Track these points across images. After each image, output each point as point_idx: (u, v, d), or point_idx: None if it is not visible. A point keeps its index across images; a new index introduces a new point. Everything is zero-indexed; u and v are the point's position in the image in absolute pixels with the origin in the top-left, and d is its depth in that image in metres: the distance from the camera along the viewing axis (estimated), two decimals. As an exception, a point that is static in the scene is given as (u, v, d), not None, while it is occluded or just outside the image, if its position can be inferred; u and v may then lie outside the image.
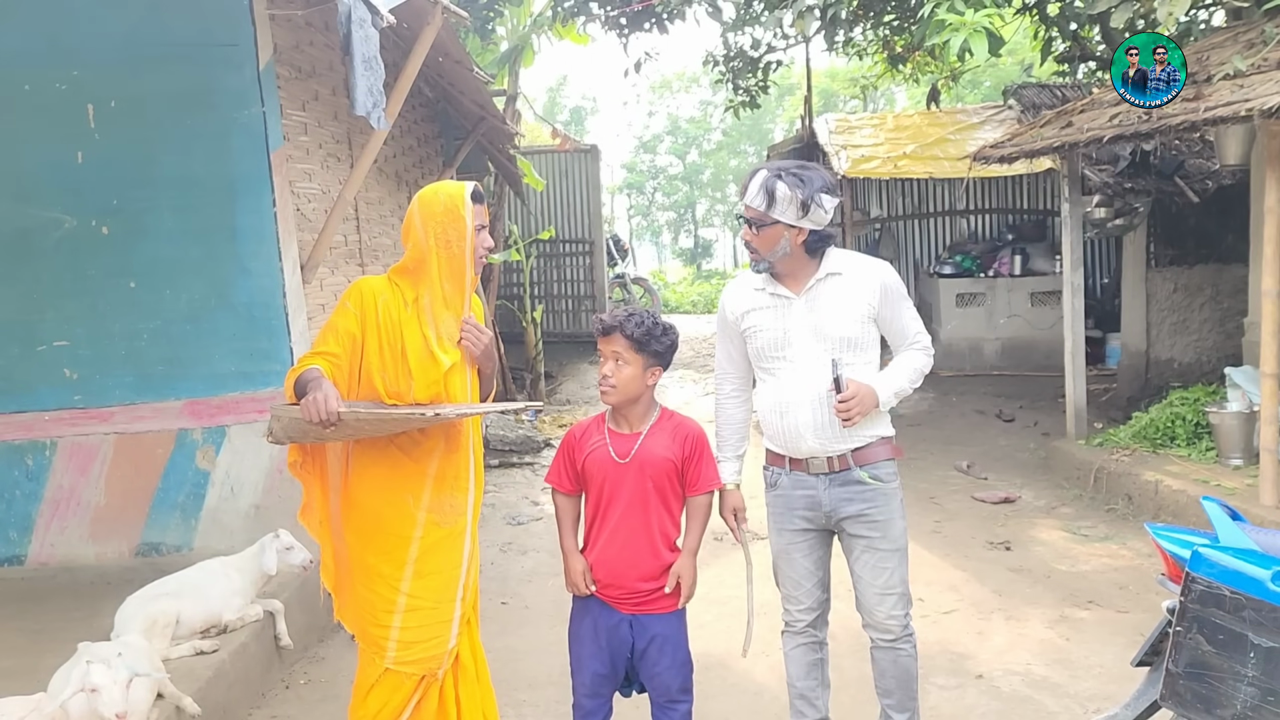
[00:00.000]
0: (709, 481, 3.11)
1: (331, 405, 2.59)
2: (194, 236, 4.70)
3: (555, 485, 3.16)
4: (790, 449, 3.17)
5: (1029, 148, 6.56)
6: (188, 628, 3.97)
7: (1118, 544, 5.76)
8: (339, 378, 2.86)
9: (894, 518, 3.15)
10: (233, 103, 4.60)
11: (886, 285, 3.10)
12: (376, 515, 2.96)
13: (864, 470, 3.10)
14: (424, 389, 2.91)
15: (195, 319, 4.75)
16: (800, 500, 3.19)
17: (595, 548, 3.08)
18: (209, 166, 4.66)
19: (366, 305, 2.92)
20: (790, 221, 2.99)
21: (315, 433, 2.69)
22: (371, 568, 2.98)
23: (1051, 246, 10.65)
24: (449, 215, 2.89)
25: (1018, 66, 20.64)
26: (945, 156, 9.61)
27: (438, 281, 2.92)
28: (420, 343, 2.92)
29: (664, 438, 3.05)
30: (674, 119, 37.73)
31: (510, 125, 8.53)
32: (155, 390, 4.79)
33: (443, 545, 3.00)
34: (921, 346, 3.17)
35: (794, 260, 3.08)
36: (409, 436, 2.98)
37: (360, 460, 3.01)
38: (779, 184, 2.97)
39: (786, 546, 3.28)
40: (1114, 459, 6.66)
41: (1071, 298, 7.14)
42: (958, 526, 6.20)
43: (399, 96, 4.94)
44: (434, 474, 2.99)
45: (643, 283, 15.42)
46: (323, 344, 2.91)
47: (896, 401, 3.12)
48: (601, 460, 3.03)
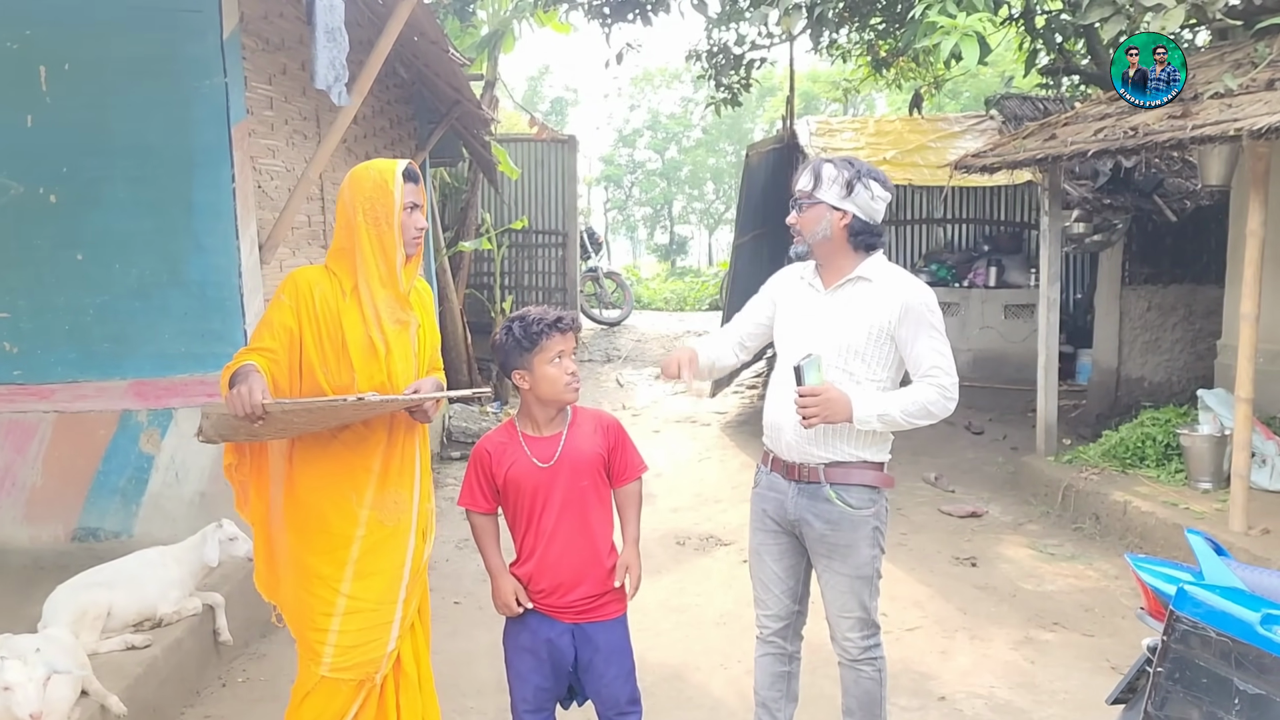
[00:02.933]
0: (635, 468, 3.01)
1: (256, 398, 2.47)
2: (147, 209, 4.50)
3: (471, 507, 2.99)
4: (773, 444, 3.10)
5: (1011, 158, 6.47)
6: (120, 620, 3.79)
7: (1084, 564, 5.68)
8: (278, 374, 2.75)
9: (858, 545, 3.00)
10: (193, 71, 4.40)
11: (909, 305, 2.92)
12: (320, 513, 2.85)
13: (833, 489, 2.97)
14: (367, 380, 2.80)
15: (145, 295, 4.54)
16: (771, 502, 3.11)
17: (532, 559, 2.93)
18: (166, 137, 4.45)
19: (302, 297, 2.80)
20: (833, 201, 2.91)
21: (246, 429, 2.57)
22: (310, 569, 2.86)
23: (1027, 259, 10.61)
24: (378, 192, 2.77)
25: (998, 78, 20.65)
26: (925, 164, 9.53)
27: (372, 262, 2.80)
28: (361, 333, 2.81)
29: (585, 433, 2.94)
30: (654, 114, 37.56)
31: (486, 111, 8.34)
32: (99, 368, 4.59)
33: (386, 544, 2.89)
34: (935, 382, 2.92)
35: (834, 249, 2.97)
36: (353, 431, 2.86)
37: (304, 456, 2.88)
38: (826, 165, 2.93)
39: (758, 547, 3.20)
40: (1083, 477, 6.59)
41: (1047, 312, 7.07)
42: (923, 540, 6.10)
43: (370, 74, 4.75)
44: (378, 469, 2.88)
45: (615, 277, 15.26)
46: (258, 340, 2.79)
47: (882, 427, 2.93)
48: (525, 470, 2.88)
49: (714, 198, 38.16)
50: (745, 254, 9.61)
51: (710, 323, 15.30)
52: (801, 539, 3.09)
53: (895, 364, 3.00)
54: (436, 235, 9.52)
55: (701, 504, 7.06)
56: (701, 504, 7.06)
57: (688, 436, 9.15)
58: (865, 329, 2.93)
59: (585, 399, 10.87)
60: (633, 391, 11.32)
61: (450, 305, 9.81)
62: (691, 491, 7.36)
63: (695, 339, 3.37)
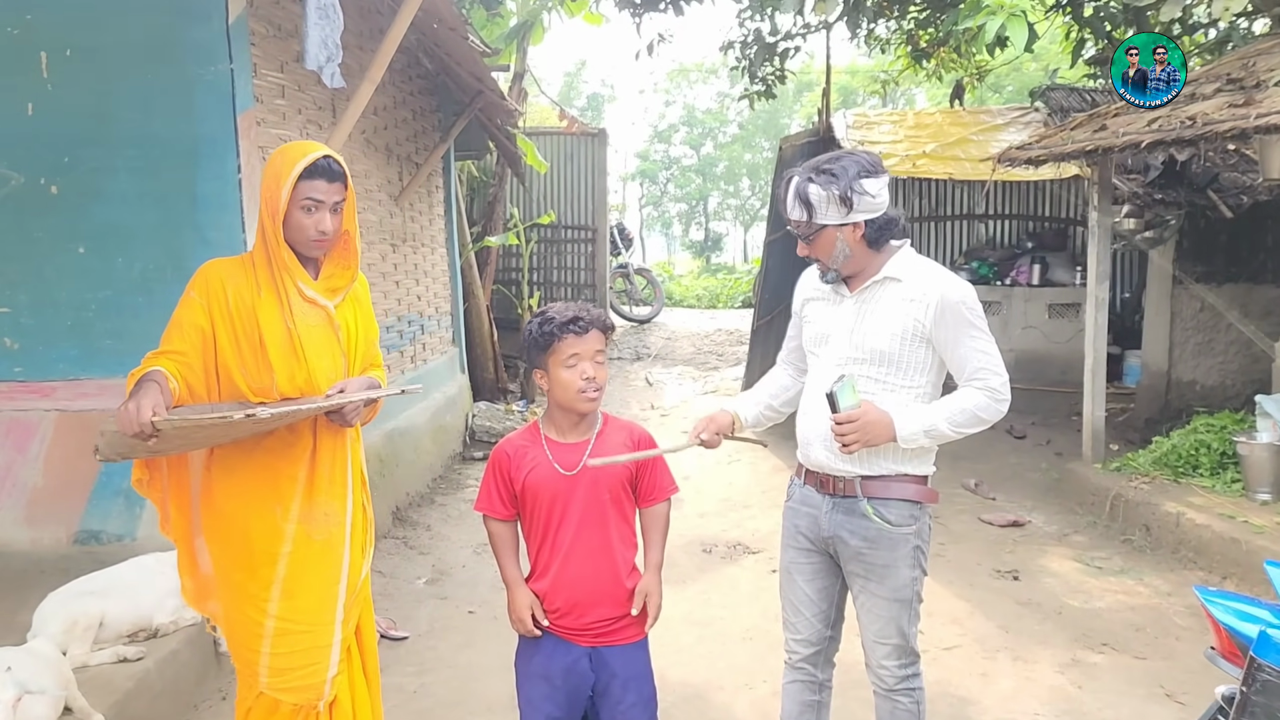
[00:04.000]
0: (665, 489, 2.79)
1: (144, 415, 2.24)
2: (151, 201, 4.32)
3: (488, 512, 2.78)
4: (804, 456, 2.86)
5: (1059, 150, 6.15)
6: (113, 631, 3.61)
7: (1134, 579, 5.37)
8: (191, 378, 2.54)
9: (897, 565, 2.76)
10: (198, 57, 4.21)
11: (946, 303, 2.65)
12: (241, 527, 2.64)
13: (870, 504, 2.73)
14: (288, 381, 2.59)
15: (148, 290, 4.36)
16: (804, 517, 2.88)
17: (548, 575, 2.72)
18: (170, 126, 4.27)
19: (213, 293, 2.58)
20: (837, 222, 2.65)
21: (142, 447, 2.34)
22: (238, 585, 2.66)
23: (1072, 257, 10.23)
24: (274, 180, 2.55)
25: (1042, 71, 20.20)
26: (966, 157, 9.18)
27: (264, 252, 2.59)
28: (280, 330, 2.59)
29: (614, 444, 2.72)
30: (690, 109, 37.28)
31: (510, 102, 8.12)
32: (102, 365, 4.41)
33: (316, 560, 2.68)
34: (982, 385, 2.67)
35: (859, 259, 2.73)
36: (276, 437, 2.64)
37: (223, 465, 2.66)
38: (810, 187, 2.65)
39: (789, 565, 2.97)
40: (1132, 486, 6.26)
41: (1095, 312, 6.73)
42: (962, 550, 5.81)
43: (382, 61, 4.57)
44: (304, 478, 2.67)
45: (646, 274, 15.01)
46: (166, 342, 2.58)
47: (930, 443, 2.69)
48: (545, 476, 2.68)
49: (749, 194, 37.84)
50: (777, 251, 9.34)
51: (742, 321, 15.01)
52: (836, 558, 2.85)
53: (934, 368, 2.74)
54: (462, 230, 9.33)
55: (729, 509, 6.81)
56: (729, 509, 6.81)
57: (717, 438, 8.87)
58: (895, 332, 2.68)
59: (613, 397, 10.70)
60: (662, 390, 11.08)
61: (476, 301, 9.62)
62: (719, 496, 7.11)
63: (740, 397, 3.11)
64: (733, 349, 13.28)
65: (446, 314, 8.38)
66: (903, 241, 2.77)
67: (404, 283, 7.12)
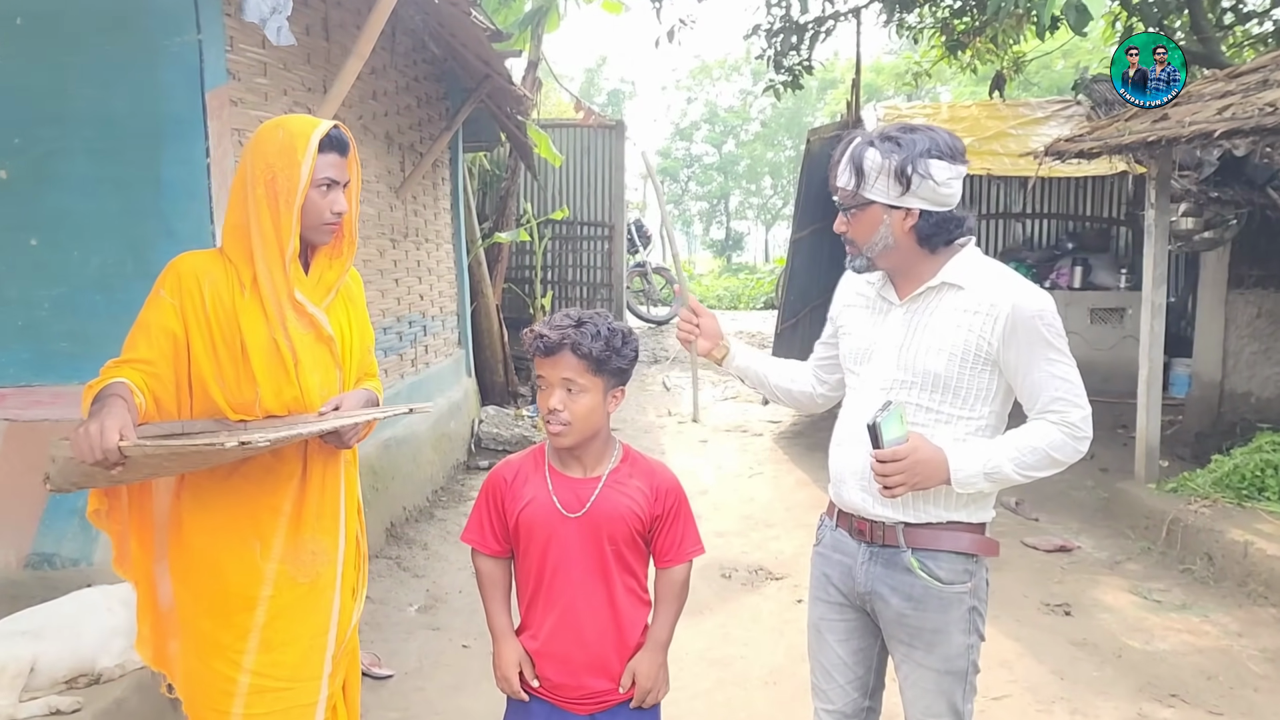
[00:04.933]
0: (687, 549, 2.35)
1: (110, 440, 1.85)
2: (110, 187, 3.87)
3: (477, 545, 2.36)
4: (836, 495, 2.38)
5: (1115, 142, 5.63)
6: (48, 678, 3.15)
7: (1199, 616, 4.85)
8: (160, 392, 2.16)
9: (948, 631, 2.27)
10: (162, 27, 3.76)
11: (1020, 316, 2.15)
12: (215, 567, 2.24)
13: (916, 557, 2.25)
14: (274, 397, 2.21)
15: (107, 288, 3.91)
16: (836, 566, 2.40)
17: (539, 633, 2.30)
18: (132, 103, 3.82)
19: (187, 292, 2.19)
20: (888, 201, 2.17)
21: (102, 476, 1.95)
22: (207, 635, 2.26)
23: (1115, 258, 9.70)
24: (282, 158, 2.17)
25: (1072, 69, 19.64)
26: (1005, 152, 8.65)
27: (273, 245, 2.20)
28: (265, 337, 2.20)
29: (630, 487, 2.27)
30: (712, 107, 36.87)
31: (518, 88, 7.66)
32: (56, 371, 3.97)
33: (301, 606, 2.30)
34: (1059, 419, 2.17)
35: (903, 255, 2.24)
36: (257, 462, 2.23)
37: (195, 494, 2.26)
38: (868, 151, 2.16)
39: (818, 621, 2.48)
40: (1191, 510, 5.73)
41: (1151, 319, 6.20)
42: (1007, 580, 5.29)
43: (372, 32, 4.12)
44: (290, 511, 2.28)
45: (664, 273, 14.51)
46: (131, 349, 2.20)
47: (990, 487, 2.21)
48: (543, 513, 2.25)
49: (771, 193, 37.41)
50: (803, 250, 8.85)
51: (764, 323, 14.50)
52: (875, 616, 2.36)
53: (1000, 397, 2.25)
54: (471, 225, 8.88)
55: (751, 528, 6.32)
56: (751, 528, 6.32)
57: (737, 448, 8.39)
58: (951, 351, 2.19)
59: (628, 402, 10.23)
60: (680, 396, 10.59)
61: (485, 300, 9.17)
62: (740, 513, 6.62)
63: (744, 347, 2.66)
64: (754, 352, 12.77)
65: (452, 314, 7.93)
66: (966, 240, 2.28)
67: (404, 280, 6.67)
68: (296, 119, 2.27)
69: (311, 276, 2.31)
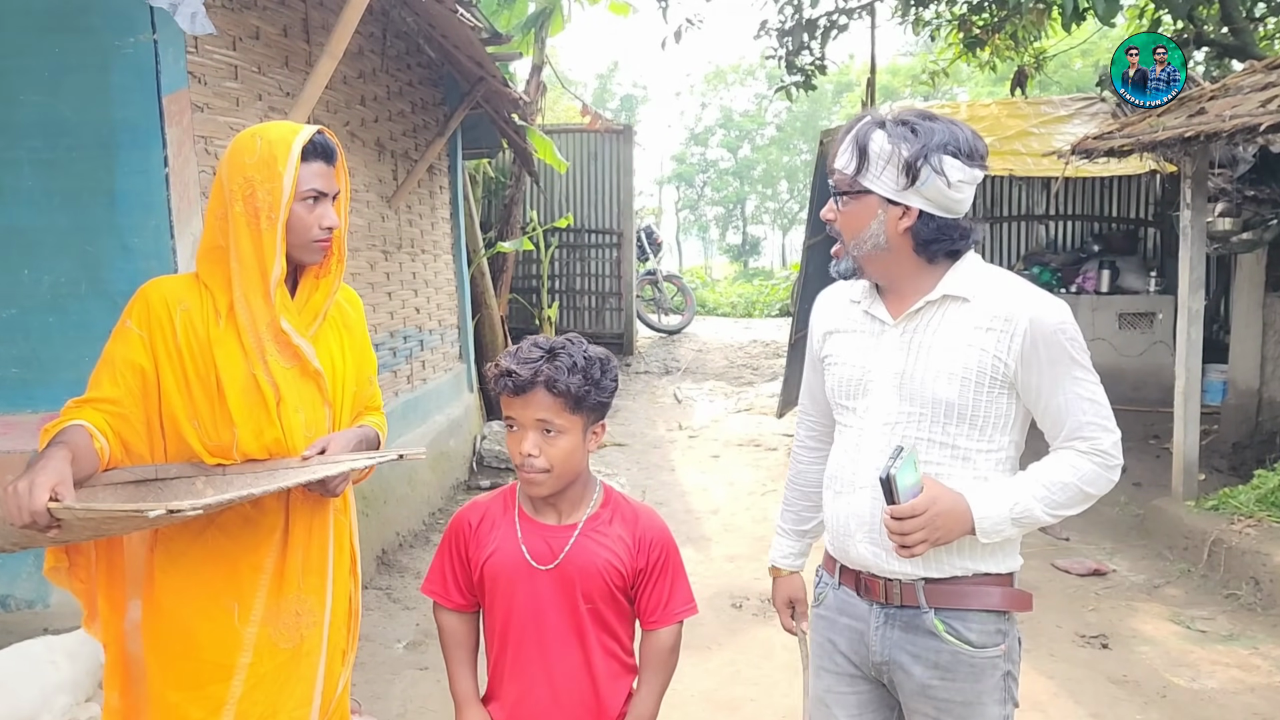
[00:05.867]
0: (675, 610, 2.04)
1: (37, 500, 1.62)
2: (60, 200, 3.60)
3: (438, 598, 2.09)
4: (839, 549, 2.05)
5: (1148, 138, 5.27)
6: (-20, 741, 2.88)
7: (1248, 648, 4.48)
8: (128, 434, 1.98)
9: (982, 703, 1.95)
10: (113, 26, 3.49)
11: (1040, 331, 1.85)
12: (186, 632, 1.99)
13: (940, 617, 1.92)
14: (253, 438, 1.97)
15: (60, 309, 3.64)
16: (844, 632, 2.06)
17: (507, 701, 2.03)
18: (82, 110, 3.54)
19: (157, 322, 1.97)
20: (888, 194, 1.86)
21: (41, 537, 1.71)
22: (174, 709, 2.00)
23: (1143, 261, 9.30)
24: (262, 168, 1.94)
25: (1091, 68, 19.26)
26: (1027, 151, 8.28)
27: (254, 268, 1.96)
28: (242, 372, 1.97)
29: (610, 534, 1.99)
30: (727, 111, 36.59)
31: (513, 90, 7.37)
32: (7, 399, 3.70)
33: (282, 674, 2.06)
34: (1090, 447, 1.87)
35: (895, 262, 1.92)
36: (237, 512, 1.99)
37: (167, 549, 2.02)
38: (875, 133, 1.86)
39: (824, 694, 2.12)
40: (1234, 530, 5.35)
41: (1189, 326, 5.84)
42: (1038, 608, 4.82)
43: (345, 30, 3.83)
44: (271, 568, 2.04)
45: (676, 281, 14.19)
46: (95, 386, 1.97)
47: (1018, 534, 1.91)
48: (511, 564, 1.97)
49: (788, 197, 37.09)
50: (818, 256, 8.49)
51: (779, 331, 14.16)
52: (893, 689, 2.03)
53: (1018, 424, 1.95)
54: (473, 235, 8.59)
55: (764, 550, 5.91)
56: (764, 550, 5.91)
57: (749, 463, 8.05)
58: (970, 376, 1.88)
59: (638, 415, 9.88)
60: (691, 408, 10.26)
61: (490, 312, 8.88)
62: (752, 534, 6.28)
63: (778, 541, 2.41)
64: (768, 362, 12.43)
65: (452, 327, 7.63)
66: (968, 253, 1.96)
67: (398, 294, 6.38)
68: (275, 126, 2.05)
69: (297, 301, 2.08)
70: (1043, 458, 1.93)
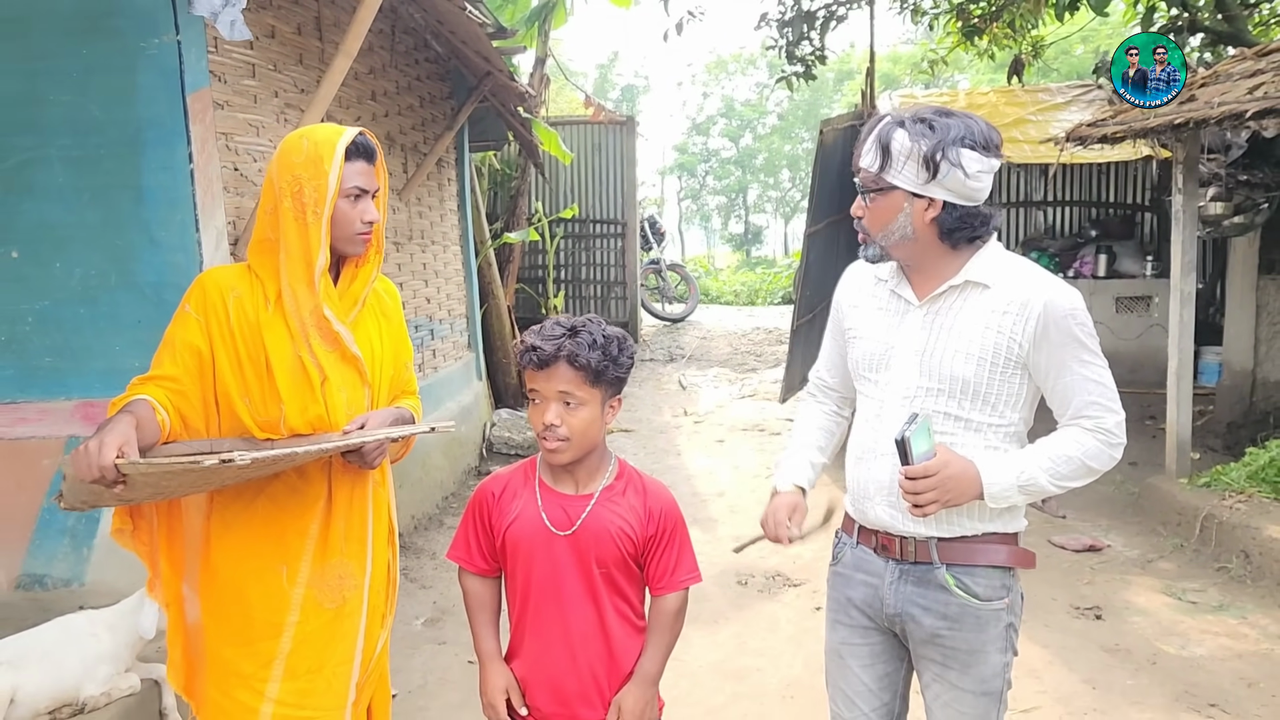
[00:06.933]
0: (681, 577, 2.19)
1: (106, 457, 1.80)
2: (90, 196, 3.76)
3: (463, 563, 2.24)
4: (859, 511, 2.22)
5: (1140, 125, 5.41)
6: (29, 708, 3.04)
7: (1236, 617, 4.64)
8: (186, 409, 2.17)
9: (985, 650, 2.12)
10: (137, 28, 3.63)
11: (1052, 315, 2.01)
12: (239, 593, 2.19)
13: (950, 573, 2.10)
14: (299, 414, 2.16)
15: (91, 300, 3.81)
16: (860, 587, 2.24)
17: (528, 658, 2.17)
18: (109, 109, 3.70)
19: (212, 308, 2.16)
20: (912, 188, 2.01)
21: (108, 495, 1.90)
22: (228, 664, 2.20)
23: (1140, 245, 9.44)
24: (309, 169, 2.12)
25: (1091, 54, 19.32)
26: (1025, 139, 8.43)
27: (299, 262, 2.15)
28: (289, 354, 2.16)
29: (624, 506, 2.14)
30: (728, 101, 36.59)
31: (519, 84, 7.50)
32: (41, 387, 3.87)
33: (327, 633, 2.25)
34: (1094, 425, 2.04)
35: (921, 249, 2.08)
36: (283, 482, 2.19)
37: (222, 516, 2.22)
38: (896, 132, 2.00)
39: (839, 646, 2.31)
40: (1226, 505, 5.51)
41: (1181, 308, 5.97)
42: (1035, 582, 5.08)
43: (359, 29, 3.97)
44: (316, 534, 2.23)
45: (679, 269, 14.32)
46: (157, 365, 2.16)
47: (1023, 500, 2.07)
48: (531, 530, 2.12)
49: (790, 186, 37.13)
50: (819, 244, 8.63)
51: (782, 319, 14.29)
52: (903, 638, 2.21)
53: (1028, 402, 2.11)
54: (480, 226, 8.73)
55: (768, 531, 6.13)
56: (768, 531, 6.13)
57: (754, 447, 8.20)
58: (978, 354, 2.04)
59: (644, 402, 10.03)
60: (696, 395, 10.41)
61: (497, 302, 9.02)
62: (757, 516, 6.40)
63: (788, 462, 2.44)
64: (772, 349, 12.57)
65: (461, 316, 7.78)
66: (990, 239, 2.12)
67: (410, 284, 6.53)
68: (321, 128, 2.23)
69: (339, 289, 2.27)
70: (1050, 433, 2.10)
